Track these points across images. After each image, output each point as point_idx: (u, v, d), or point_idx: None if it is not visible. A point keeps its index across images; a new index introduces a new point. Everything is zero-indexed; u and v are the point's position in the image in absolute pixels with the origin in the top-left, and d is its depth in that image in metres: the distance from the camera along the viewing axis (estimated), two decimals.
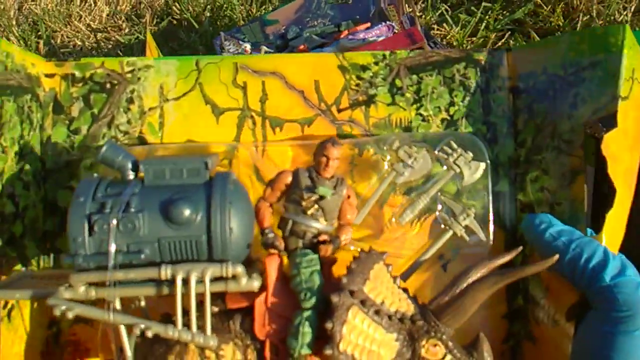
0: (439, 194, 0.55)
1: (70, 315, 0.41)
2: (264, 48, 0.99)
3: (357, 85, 0.59)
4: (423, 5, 1.13)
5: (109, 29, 1.25)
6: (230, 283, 0.43)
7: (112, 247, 0.41)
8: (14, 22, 1.23)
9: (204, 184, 0.44)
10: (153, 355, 0.43)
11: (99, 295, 0.42)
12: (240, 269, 0.42)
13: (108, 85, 0.59)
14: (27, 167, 0.56)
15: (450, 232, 0.53)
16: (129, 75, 0.59)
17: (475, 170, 0.54)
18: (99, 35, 1.23)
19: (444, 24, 1.11)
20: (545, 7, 1.15)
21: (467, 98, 0.58)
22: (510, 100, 0.58)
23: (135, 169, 0.45)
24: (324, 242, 0.45)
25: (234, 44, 1.10)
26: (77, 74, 0.59)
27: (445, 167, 0.55)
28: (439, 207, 0.55)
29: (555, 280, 0.50)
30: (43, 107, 0.58)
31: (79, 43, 1.22)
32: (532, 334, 0.54)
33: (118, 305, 0.42)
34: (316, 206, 0.45)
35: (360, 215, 0.53)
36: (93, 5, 1.25)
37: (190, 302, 0.42)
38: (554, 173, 0.53)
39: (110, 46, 1.22)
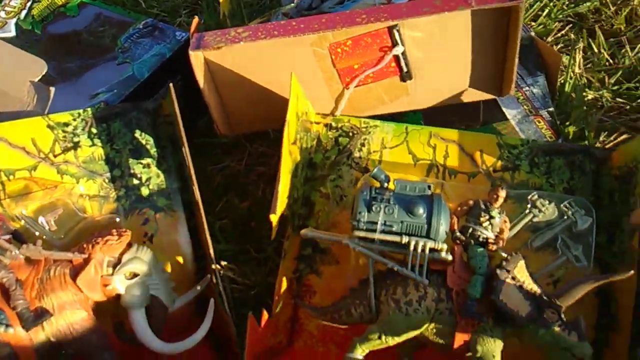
0: (560, 233, 0.85)
1: (357, 249, 0.73)
2: None
3: (507, 158, 0.91)
4: None
5: None
6: (436, 253, 0.72)
7: (381, 219, 0.73)
8: None
9: (427, 196, 0.74)
10: (385, 285, 0.75)
11: (363, 247, 0.73)
12: (445, 246, 0.72)
13: (351, 134, 0.95)
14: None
15: (565, 257, 0.81)
16: (364, 129, 0.95)
17: (585, 222, 0.85)
18: None
19: None
20: (610, 7, 1.22)
21: (582, 176, 0.89)
22: (611, 182, 0.87)
23: (388, 182, 0.76)
24: (491, 243, 0.74)
25: None
26: (333, 124, 0.96)
27: (566, 217, 0.84)
28: (559, 240, 0.85)
29: None
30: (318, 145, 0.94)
31: None
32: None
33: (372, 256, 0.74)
34: (488, 222, 0.74)
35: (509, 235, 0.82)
36: None
37: (415, 258, 0.71)
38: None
39: None
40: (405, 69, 0.91)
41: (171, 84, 0.82)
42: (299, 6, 1.05)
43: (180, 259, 0.90)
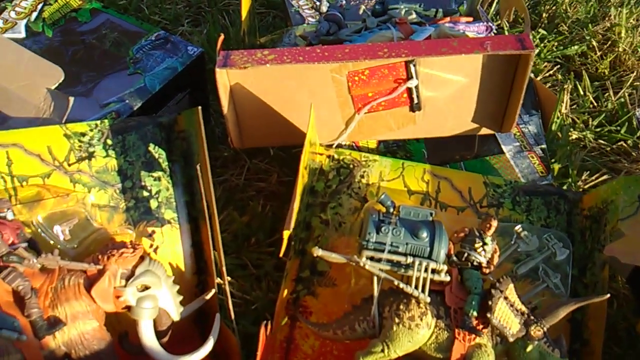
0: (541, 262, 0.94)
1: (367, 267, 0.77)
2: (363, 7, 1.09)
3: (493, 195, 1.01)
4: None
5: None
6: (436, 274, 0.77)
7: (388, 240, 0.78)
8: None
9: (429, 222, 0.80)
10: (388, 302, 0.79)
11: (371, 265, 0.78)
12: (445, 267, 0.77)
13: (351, 166, 1.03)
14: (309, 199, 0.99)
15: (545, 284, 0.89)
16: (364, 162, 1.03)
17: (563, 254, 0.95)
18: None
19: None
20: (596, 52, 1.29)
21: (558, 215, 1.00)
22: (583, 221, 0.99)
23: (394, 207, 0.81)
24: (484, 267, 0.81)
25: None
26: (335, 156, 1.03)
27: (546, 248, 0.96)
28: (540, 269, 0.94)
29: None
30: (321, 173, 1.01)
31: None
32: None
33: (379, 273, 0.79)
34: (482, 248, 0.81)
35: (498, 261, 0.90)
36: None
37: (420, 276, 0.77)
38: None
39: None
40: (416, 101, 0.97)
41: (199, 108, 0.84)
42: (318, 31, 1.06)
43: (181, 272, 0.92)
